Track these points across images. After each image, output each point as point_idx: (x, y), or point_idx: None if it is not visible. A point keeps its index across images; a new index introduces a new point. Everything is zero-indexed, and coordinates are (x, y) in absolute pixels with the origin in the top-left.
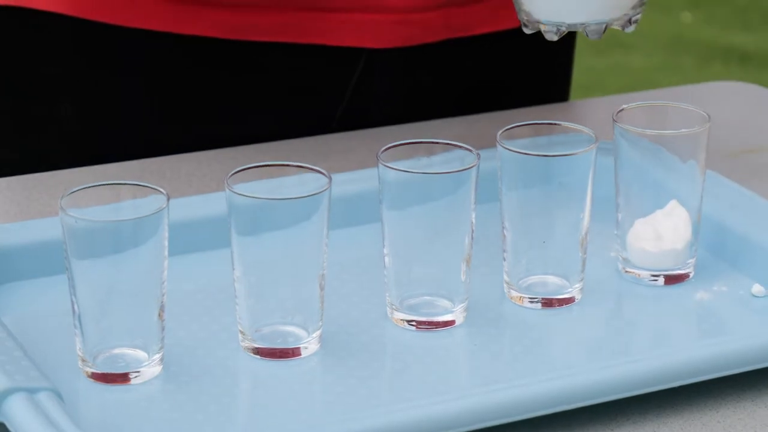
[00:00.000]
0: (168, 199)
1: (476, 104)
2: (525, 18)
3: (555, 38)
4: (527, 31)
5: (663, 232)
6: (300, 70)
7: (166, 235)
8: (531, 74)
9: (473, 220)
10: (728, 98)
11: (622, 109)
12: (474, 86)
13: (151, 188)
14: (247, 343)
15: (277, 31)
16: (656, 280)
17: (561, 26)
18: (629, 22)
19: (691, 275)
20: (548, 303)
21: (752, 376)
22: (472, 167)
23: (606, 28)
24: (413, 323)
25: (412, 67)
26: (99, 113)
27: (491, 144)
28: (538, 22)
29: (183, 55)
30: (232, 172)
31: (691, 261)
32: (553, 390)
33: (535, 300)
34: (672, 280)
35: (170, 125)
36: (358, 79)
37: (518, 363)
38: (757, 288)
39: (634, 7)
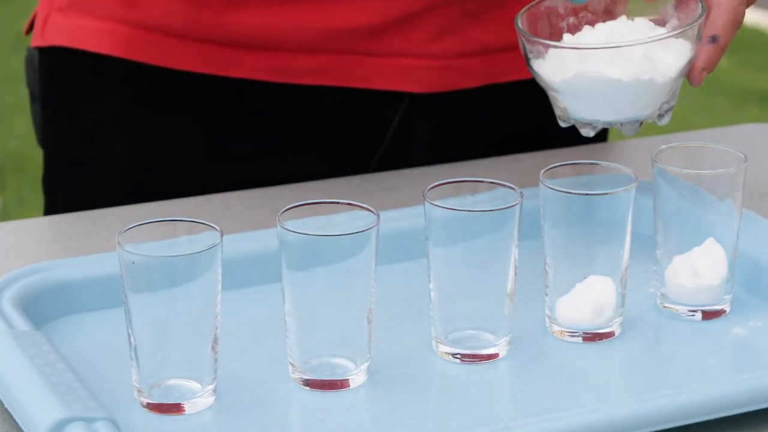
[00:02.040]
0: (222, 235)
1: (514, 149)
2: (560, 113)
3: (591, 134)
4: (563, 125)
5: (700, 268)
6: (342, 112)
7: (220, 270)
8: None
9: (516, 257)
10: (763, 140)
11: (661, 150)
12: (512, 131)
13: (206, 225)
14: (297, 375)
15: (319, 74)
16: (693, 316)
17: (596, 123)
18: (663, 113)
19: (728, 311)
20: (589, 338)
21: None
22: (515, 205)
23: (641, 123)
24: (458, 356)
25: (452, 112)
26: (148, 152)
27: (532, 183)
28: (573, 116)
29: (228, 96)
30: (284, 209)
31: (728, 297)
32: (593, 422)
33: (576, 334)
34: (709, 315)
35: (215, 165)
36: (399, 123)
37: (559, 396)
38: None
39: (667, 102)
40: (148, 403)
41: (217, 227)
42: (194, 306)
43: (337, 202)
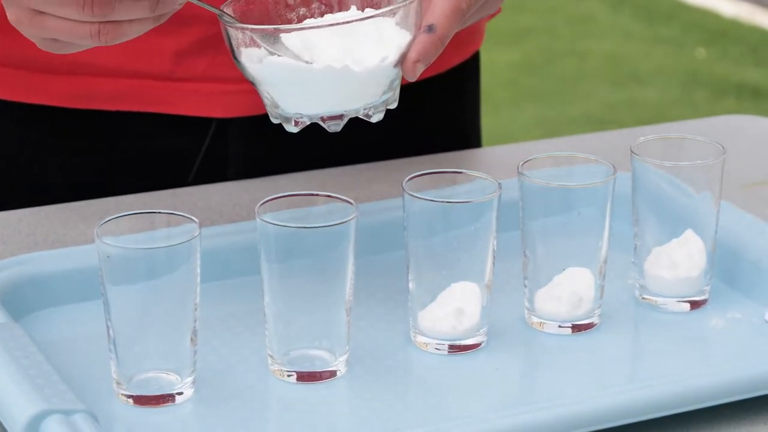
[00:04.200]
0: (200, 228)
1: (340, 163)
2: (268, 108)
3: (295, 130)
4: (274, 120)
5: (679, 260)
6: (149, 137)
7: (198, 262)
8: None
9: (494, 248)
10: (742, 131)
11: (639, 142)
12: (337, 146)
13: (184, 217)
14: (276, 367)
15: (122, 100)
16: (672, 307)
17: (299, 118)
18: (374, 109)
19: (706, 302)
20: (567, 329)
21: (766, 400)
22: (493, 197)
23: (345, 119)
24: (437, 348)
25: (264, 132)
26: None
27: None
28: (279, 110)
29: (34, 122)
30: (262, 201)
31: (706, 288)
32: (572, 414)
33: (554, 325)
34: (687, 306)
35: (29, 190)
36: (208, 146)
37: (538, 387)
38: None
39: (377, 96)
40: (127, 396)
41: (195, 219)
42: (173, 298)
43: (316, 194)
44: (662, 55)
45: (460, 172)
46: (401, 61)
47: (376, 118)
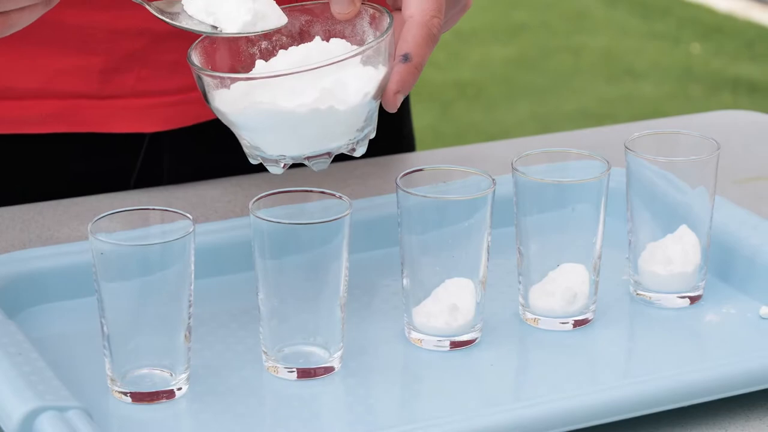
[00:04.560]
0: (194, 224)
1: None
2: (247, 150)
3: (280, 171)
4: (252, 161)
5: (673, 256)
6: (84, 158)
7: (192, 259)
8: None
9: (489, 244)
10: (736, 127)
11: (634, 137)
12: None
13: (178, 213)
14: (271, 363)
15: (53, 121)
16: (666, 303)
17: (282, 159)
18: (357, 143)
19: (701, 298)
20: (563, 325)
21: (761, 395)
22: (487, 193)
23: (331, 156)
24: (432, 343)
25: (198, 142)
26: None
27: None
28: (259, 152)
29: None
30: (256, 198)
31: (701, 284)
32: (566, 409)
33: (549, 321)
34: (681, 302)
35: None
36: (144, 159)
37: (533, 383)
38: (764, 310)
39: (361, 129)
40: (121, 392)
41: (189, 216)
42: (167, 295)
43: (310, 191)
44: (657, 50)
45: (455, 168)
46: (380, 93)
47: (359, 151)
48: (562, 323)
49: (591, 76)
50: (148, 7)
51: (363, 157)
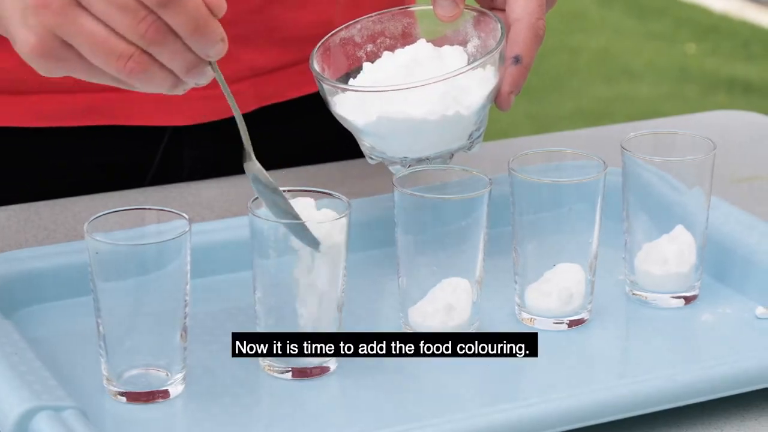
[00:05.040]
0: (190, 224)
1: (304, 163)
2: (367, 152)
3: (401, 172)
4: (371, 162)
5: (669, 256)
6: (103, 150)
7: (189, 258)
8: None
9: (485, 244)
10: (732, 126)
11: (630, 137)
12: (298, 150)
13: (174, 213)
14: (267, 363)
15: (80, 115)
16: (662, 303)
17: (405, 161)
18: (473, 142)
19: (697, 298)
20: (559, 325)
21: (756, 395)
22: (484, 192)
23: (452, 155)
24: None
25: (221, 138)
26: None
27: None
28: (383, 155)
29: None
30: (255, 197)
31: (697, 284)
32: (561, 409)
33: (546, 321)
34: (678, 302)
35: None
36: (163, 155)
37: (528, 382)
38: (760, 310)
39: (477, 129)
40: (117, 392)
41: (185, 215)
42: (163, 294)
43: (308, 190)
44: (653, 50)
45: (451, 168)
46: (494, 93)
47: (476, 149)
48: (558, 323)
49: (587, 76)
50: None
51: (358, 157)
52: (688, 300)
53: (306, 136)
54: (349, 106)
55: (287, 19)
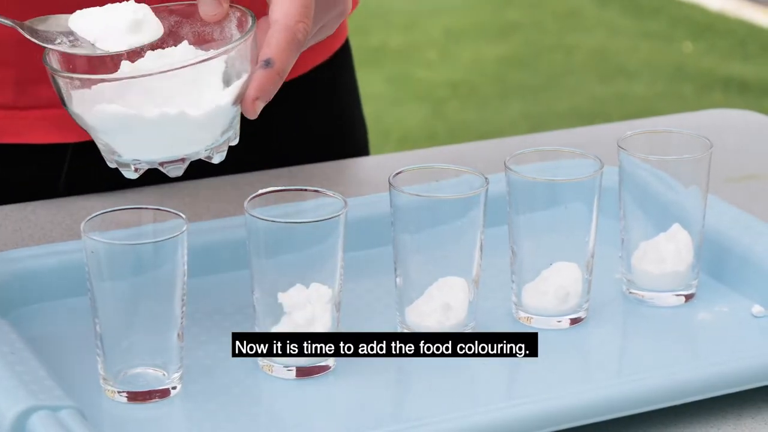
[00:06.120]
0: (187, 223)
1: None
2: (104, 154)
3: (134, 176)
4: (110, 165)
5: (666, 254)
6: (9, 167)
7: (186, 258)
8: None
9: (482, 243)
10: (729, 125)
11: (627, 136)
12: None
13: (171, 212)
14: (265, 362)
15: None
16: (659, 301)
17: (137, 164)
18: (215, 149)
19: (694, 296)
20: (556, 323)
21: (753, 393)
22: (480, 191)
23: (183, 160)
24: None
25: None
26: None
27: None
28: (115, 156)
29: None
30: (251, 196)
31: (694, 283)
32: (558, 408)
33: (541, 320)
34: (675, 301)
35: None
36: (68, 173)
37: (525, 382)
38: (757, 308)
39: (223, 134)
40: (115, 392)
41: (182, 215)
42: (160, 294)
43: (304, 189)
44: (649, 49)
45: (448, 167)
46: (239, 98)
47: (217, 159)
48: (556, 322)
49: (583, 75)
50: (20, 29)
51: (355, 156)
52: (684, 299)
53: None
54: (78, 101)
55: None
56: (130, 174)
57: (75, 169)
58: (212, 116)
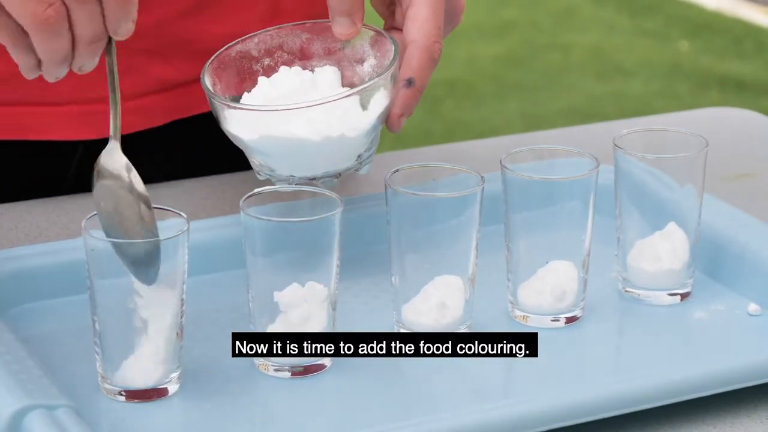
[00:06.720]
0: (188, 222)
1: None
2: (256, 167)
3: (289, 189)
4: (260, 177)
5: (662, 253)
6: (18, 165)
7: (186, 258)
8: None
9: (478, 242)
10: (725, 124)
11: (622, 134)
12: (209, 162)
13: (172, 212)
14: (262, 361)
15: None
16: (655, 300)
17: (292, 180)
18: (362, 163)
19: (689, 295)
20: (553, 322)
21: (749, 392)
22: (477, 190)
23: (339, 175)
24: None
25: (135, 152)
26: None
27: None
28: (272, 172)
29: None
30: (247, 195)
31: (689, 281)
32: (553, 407)
33: (538, 318)
34: (670, 299)
35: None
36: (77, 166)
37: (521, 381)
38: (752, 307)
39: (367, 149)
40: (113, 390)
41: (183, 214)
42: (159, 292)
43: (301, 188)
44: (645, 47)
45: (444, 166)
46: (384, 115)
47: (364, 170)
48: (552, 320)
49: (580, 73)
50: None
51: None
52: (680, 297)
53: (221, 147)
54: (236, 123)
55: (201, 32)
56: (284, 186)
57: (83, 165)
58: (365, 135)
